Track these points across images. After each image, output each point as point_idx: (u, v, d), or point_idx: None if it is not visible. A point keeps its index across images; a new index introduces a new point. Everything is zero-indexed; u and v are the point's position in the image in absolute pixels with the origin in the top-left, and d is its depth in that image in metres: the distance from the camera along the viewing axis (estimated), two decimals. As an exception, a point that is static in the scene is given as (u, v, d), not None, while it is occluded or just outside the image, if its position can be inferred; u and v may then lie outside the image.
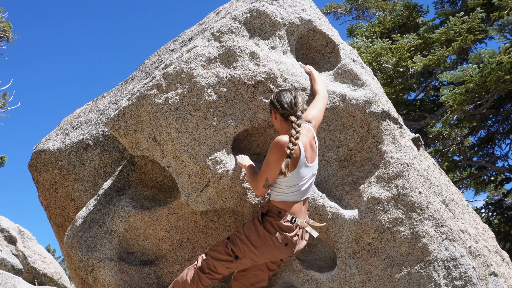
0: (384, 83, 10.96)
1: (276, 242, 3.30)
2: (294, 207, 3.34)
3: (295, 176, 3.28)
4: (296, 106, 3.31)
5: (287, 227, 3.31)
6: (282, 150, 3.18)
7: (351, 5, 18.83)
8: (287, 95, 3.34)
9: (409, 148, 3.93)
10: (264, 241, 3.31)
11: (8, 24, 16.19)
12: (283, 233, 3.30)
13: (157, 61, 4.72)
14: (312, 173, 3.39)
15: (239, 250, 3.34)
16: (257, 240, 3.32)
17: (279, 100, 3.33)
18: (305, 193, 3.38)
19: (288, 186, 3.30)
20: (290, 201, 3.34)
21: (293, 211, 3.34)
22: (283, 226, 3.30)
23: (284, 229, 3.30)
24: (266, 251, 3.33)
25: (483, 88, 8.37)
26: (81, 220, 3.98)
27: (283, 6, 4.01)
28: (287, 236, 3.31)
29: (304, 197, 3.38)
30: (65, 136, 4.78)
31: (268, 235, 3.30)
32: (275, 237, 3.29)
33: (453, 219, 4.00)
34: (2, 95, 16.48)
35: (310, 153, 3.35)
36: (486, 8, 9.76)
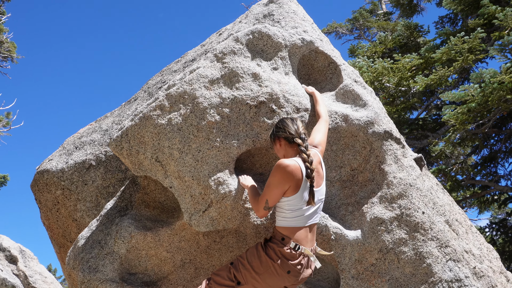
0: (386, 102, 11.00)
1: (278, 270, 3.21)
2: (299, 233, 3.24)
3: (298, 199, 3.22)
4: (299, 129, 3.33)
5: (290, 254, 3.21)
6: (284, 173, 3.16)
7: (352, 25, 19.03)
8: (288, 121, 3.38)
9: (412, 168, 3.93)
10: (266, 268, 3.23)
11: (13, 44, 16.37)
12: (285, 261, 3.21)
13: (160, 81, 4.76)
14: (317, 198, 3.32)
15: (242, 276, 3.27)
16: (259, 267, 3.24)
17: (283, 126, 3.35)
18: (310, 218, 3.28)
19: (291, 210, 3.23)
20: (293, 226, 3.24)
21: (298, 238, 3.24)
22: (286, 253, 3.21)
23: (287, 257, 3.21)
24: (268, 278, 3.24)
25: (485, 108, 8.39)
26: (83, 241, 3.97)
27: (285, 28, 4.06)
28: (290, 264, 3.21)
29: (309, 222, 3.28)
30: (68, 156, 4.79)
31: (270, 262, 3.22)
32: (277, 264, 3.21)
33: (457, 240, 3.97)
34: (6, 114, 16.59)
35: (316, 178, 3.30)
36: (486, 28, 9.84)
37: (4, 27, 15.94)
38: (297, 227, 3.25)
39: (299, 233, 3.24)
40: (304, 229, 3.26)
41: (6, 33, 16.15)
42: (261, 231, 3.62)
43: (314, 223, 3.33)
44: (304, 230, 3.26)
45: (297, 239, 3.24)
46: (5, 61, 16.55)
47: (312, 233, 3.32)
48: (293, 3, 4.38)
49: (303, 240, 3.25)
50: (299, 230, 3.25)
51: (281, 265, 3.21)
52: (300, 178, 3.19)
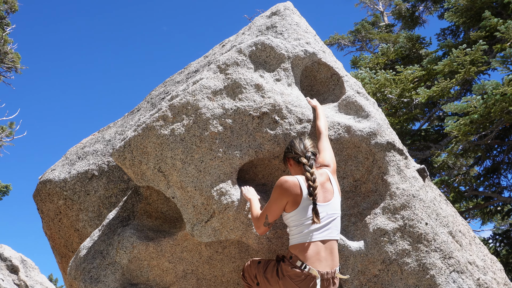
0: (388, 113, 11.01)
1: (277, 285, 3.18)
2: (309, 252, 3.13)
3: (299, 215, 3.17)
4: (306, 148, 3.34)
5: (295, 273, 3.11)
6: (281, 188, 3.18)
7: (354, 37, 19.11)
8: (296, 140, 3.42)
9: (415, 179, 3.92)
10: (274, 284, 3.22)
11: (17, 55, 16.48)
12: (289, 280, 3.13)
13: (163, 92, 4.78)
14: (327, 212, 3.22)
15: (261, 279, 3.32)
16: (269, 281, 3.25)
17: (290, 146, 3.41)
18: (318, 232, 3.16)
19: (296, 226, 3.19)
20: (300, 243, 3.16)
21: (307, 256, 3.12)
22: (290, 272, 3.12)
23: (291, 276, 3.12)
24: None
25: (487, 119, 8.39)
26: (85, 251, 3.96)
27: (287, 39, 4.08)
28: (293, 283, 3.12)
29: (317, 237, 3.15)
30: (71, 166, 4.80)
31: (276, 279, 3.20)
32: (281, 282, 3.16)
33: (461, 251, 3.95)
34: (9, 124, 16.65)
35: (322, 194, 3.25)
36: (488, 41, 9.88)
37: (8, 38, 16.06)
38: (303, 243, 3.15)
39: (309, 251, 3.14)
40: (312, 245, 3.15)
41: (11, 44, 16.27)
42: (264, 242, 3.61)
43: (327, 239, 3.19)
44: (313, 246, 3.15)
45: (306, 257, 3.13)
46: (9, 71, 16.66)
47: (327, 252, 3.18)
48: (296, 15, 4.41)
49: (312, 258, 3.13)
50: (307, 247, 3.14)
51: (284, 284, 3.15)
52: (299, 193, 3.17)
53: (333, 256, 3.21)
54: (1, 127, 16.38)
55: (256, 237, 3.60)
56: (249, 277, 3.45)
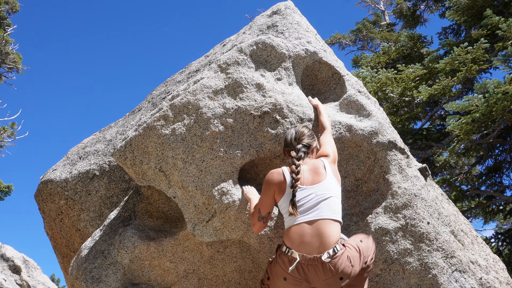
0: (390, 112, 11.00)
1: (277, 275, 3.15)
2: (293, 235, 3.07)
3: (286, 201, 3.20)
4: (297, 140, 3.38)
5: (282, 260, 3.09)
6: (268, 180, 3.26)
7: (355, 36, 19.09)
8: (290, 131, 3.46)
9: (417, 178, 3.91)
10: (271, 273, 3.23)
11: (19, 55, 16.50)
12: (279, 268, 3.11)
13: (164, 92, 4.78)
14: (316, 193, 3.16)
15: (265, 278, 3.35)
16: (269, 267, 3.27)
17: (284, 138, 3.48)
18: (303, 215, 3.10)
19: (285, 213, 3.23)
20: (287, 228, 3.17)
21: (292, 240, 3.07)
22: (279, 259, 3.12)
23: (280, 262, 3.10)
24: (273, 282, 3.20)
25: (489, 118, 8.37)
26: (87, 251, 3.96)
27: (288, 38, 4.07)
28: (282, 270, 3.09)
29: (302, 219, 3.09)
30: (72, 166, 4.80)
31: (270, 268, 3.23)
32: (275, 270, 3.16)
33: (463, 250, 3.94)
34: (11, 124, 16.67)
35: (311, 177, 3.24)
36: (489, 39, 9.85)
37: (10, 39, 16.08)
38: (289, 228, 3.13)
39: (292, 234, 3.09)
40: (297, 228, 3.09)
41: (12, 44, 16.29)
42: (265, 242, 3.61)
43: (315, 219, 3.09)
44: (297, 229, 3.08)
45: (291, 241, 3.08)
46: (10, 72, 16.68)
47: (314, 233, 3.06)
48: (297, 14, 4.40)
49: (296, 242, 3.06)
50: (292, 231, 3.10)
51: (277, 271, 3.13)
52: (282, 180, 3.23)
53: (323, 238, 3.05)
54: (3, 128, 16.41)
55: (257, 236, 3.59)
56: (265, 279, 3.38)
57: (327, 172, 3.27)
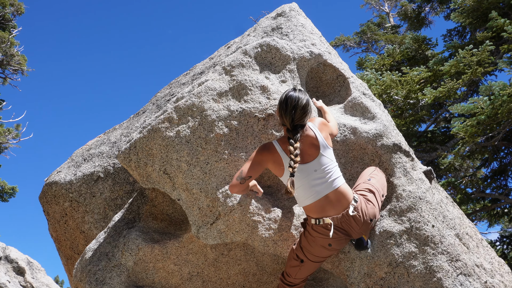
0: (394, 115, 10.97)
1: (318, 247, 3.36)
2: (314, 209, 3.32)
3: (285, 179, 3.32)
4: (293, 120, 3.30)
5: (317, 230, 3.32)
6: (261, 152, 3.31)
7: (360, 38, 19.07)
8: (289, 98, 3.33)
9: (421, 181, 3.90)
10: (312, 243, 3.37)
11: (24, 57, 16.56)
12: (319, 238, 3.33)
13: (169, 94, 4.78)
14: (314, 169, 3.29)
15: (302, 253, 3.43)
16: (307, 244, 3.39)
17: (280, 100, 3.36)
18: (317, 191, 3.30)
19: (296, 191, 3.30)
20: (306, 205, 3.36)
21: (316, 212, 3.32)
22: (312, 231, 3.34)
23: (317, 235, 3.33)
24: (317, 252, 3.39)
25: (494, 120, 8.33)
26: (91, 253, 3.96)
27: (293, 41, 4.07)
28: (323, 239, 3.33)
29: (320, 194, 3.30)
30: (76, 168, 4.81)
31: (307, 241, 3.38)
32: (312, 240, 3.35)
33: (468, 253, 3.92)
34: (15, 126, 16.72)
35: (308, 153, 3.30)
36: (495, 41, 9.81)
37: (15, 41, 16.15)
38: (309, 205, 3.34)
39: (314, 208, 3.33)
40: (315, 204, 3.32)
41: (17, 46, 16.36)
42: (270, 244, 3.60)
43: (330, 191, 3.31)
44: (315, 205, 3.32)
45: (316, 212, 3.32)
46: (15, 74, 16.74)
47: (334, 201, 3.32)
48: (302, 16, 4.39)
49: (321, 211, 3.32)
50: (311, 207, 3.34)
51: (315, 241, 3.34)
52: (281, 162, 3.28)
53: (342, 201, 3.33)
54: (8, 129, 16.46)
55: (261, 239, 3.59)
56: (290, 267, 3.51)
57: (320, 142, 3.34)
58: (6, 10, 16.26)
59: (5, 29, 16.36)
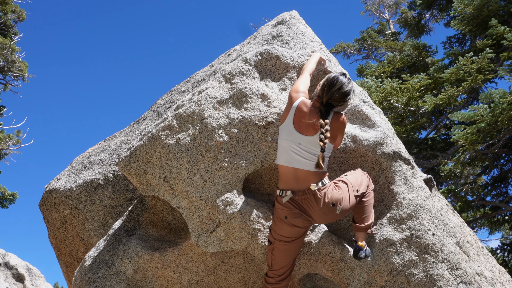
0: (395, 122, 10.98)
1: (278, 217, 3.40)
2: (284, 173, 3.39)
3: (282, 129, 3.41)
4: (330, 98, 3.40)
5: (279, 202, 3.38)
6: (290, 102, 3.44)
7: (360, 45, 19.12)
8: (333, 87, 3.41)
9: (421, 189, 3.89)
10: (274, 218, 3.44)
11: (25, 63, 16.59)
12: (278, 210, 3.39)
13: (169, 101, 4.78)
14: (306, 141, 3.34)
15: (271, 235, 3.48)
16: (272, 222, 3.48)
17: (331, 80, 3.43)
18: (295, 160, 3.34)
19: (279, 140, 3.42)
20: (281, 164, 3.40)
21: (283, 180, 3.39)
22: (276, 204, 3.41)
23: (277, 207, 3.39)
24: (278, 229, 3.41)
25: (494, 128, 8.34)
26: (90, 261, 3.96)
27: (293, 49, 4.08)
28: (281, 210, 3.36)
29: (294, 163, 3.34)
30: (77, 175, 4.81)
31: (274, 212, 3.44)
32: (276, 213, 3.41)
33: (468, 262, 3.91)
34: (16, 132, 16.72)
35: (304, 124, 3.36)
36: (495, 49, 9.83)
37: (16, 47, 16.19)
38: (282, 166, 3.39)
39: (284, 175, 3.39)
40: (288, 171, 3.37)
41: (18, 52, 16.39)
42: (269, 252, 3.59)
43: (304, 169, 3.35)
44: (287, 171, 3.37)
45: (283, 183, 3.39)
46: (16, 80, 16.76)
47: (299, 177, 3.36)
48: (302, 24, 4.41)
49: (287, 183, 3.38)
50: (284, 171, 3.38)
51: (278, 216, 3.39)
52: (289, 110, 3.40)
53: (307, 181, 3.36)
54: (8, 135, 16.47)
55: (261, 247, 3.58)
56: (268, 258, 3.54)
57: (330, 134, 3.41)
58: (8, 16, 16.31)
59: (6, 36, 16.41)
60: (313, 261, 3.63)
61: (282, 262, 3.47)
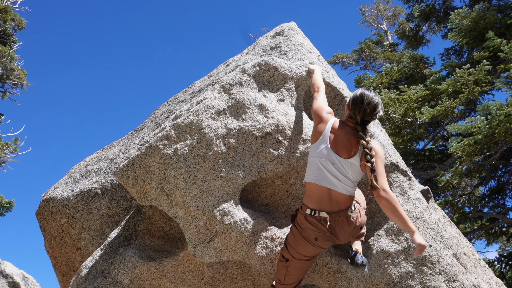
0: (392, 133, 11.01)
1: (306, 238, 3.26)
2: (315, 193, 3.26)
3: (315, 148, 3.32)
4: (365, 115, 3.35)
5: (310, 221, 3.23)
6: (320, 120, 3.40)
7: (358, 55, 19.22)
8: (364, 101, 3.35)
9: (419, 200, 3.90)
10: (298, 238, 3.29)
11: (23, 72, 16.62)
12: (308, 230, 3.24)
13: (167, 111, 4.80)
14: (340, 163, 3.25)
15: (287, 252, 3.36)
16: (293, 240, 3.32)
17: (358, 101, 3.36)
18: (329, 179, 3.24)
19: (311, 158, 3.32)
20: (310, 182, 3.28)
21: (314, 199, 3.25)
22: (304, 222, 3.25)
23: (306, 226, 3.24)
24: (301, 248, 3.30)
25: (491, 140, 8.38)
26: (86, 270, 3.94)
27: (291, 60, 4.10)
28: (312, 231, 3.23)
29: (326, 183, 3.24)
30: (74, 184, 4.80)
31: (297, 231, 3.30)
32: (303, 233, 3.26)
33: (465, 274, 3.91)
34: (14, 140, 16.72)
35: (340, 145, 3.28)
36: (492, 61, 9.90)
37: (15, 55, 16.23)
38: (313, 184, 3.27)
39: (315, 195, 3.26)
40: (320, 190, 3.25)
41: (17, 61, 16.43)
42: (266, 263, 3.58)
43: (337, 190, 3.25)
44: (320, 191, 3.25)
45: (314, 202, 3.25)
46: (15, 88, 16.79)
47: (332, 198, 3.26)
48: (300, 35, 4.43)
49: (319, 203, 3.25)
50: (315, 190, 3.26)
51: (304, 232, 3.25)
52: (322, 130, 3.33)
53: (339, 204, 3.27)
54: (6, 143, 16.45)
55: (258, 258, 3.57)
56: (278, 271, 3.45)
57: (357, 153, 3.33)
58: (7, 24, 16.37)
59: (5, 44, 16.46)
60: (310, 272, 3.62)
61: (297, 277, 3.44)
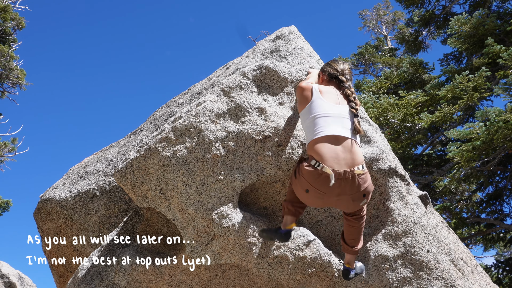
0: (391, 138, 11.02)
1: (300, 186, 3.20)
2: (322, 148, 3.15)
3: (307, 110, 3.37)
4: (345, 70, 3.59)
5: (308, 172, 3.13)
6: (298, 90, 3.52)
7: (357, 60, 19.26)
8: (338, 61, 3.67)
9: (417, 205, 3.90)
10: (294, 183, 3.26)
11: (22, 71, 16.61)
12: (303, 179, 3.16)
13: (167, 113, 4.80)
14: (340, 113, 3.29)
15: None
16: (294, 180, 3.29)
17: (331, 63, 3.65)
18: (331, 127, 3.21)
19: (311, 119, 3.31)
20: (314, 138, 3.21)
21: (321, 153, 3.13)
22: (304, 170, 3.16)
23: (304, 173, 3.16)
24: (295, 186, 3.28)
25: (490, 146, 8.39)
26: (84, 272, 3.93)
27: (291, 63, 4.10)
28: (306, 182, 3.14)
29: (331, 131, 3.19)
30: (72, 185, 4.79)
31: (293, 178, 3.29)
32: (298, 181, 3.21)
33: (463, 279, 3.91)
34: (12, 140, 16.70)
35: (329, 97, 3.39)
36: (491, 67, 9.92)
37: (14, 55, 16.22)
38: (318, 138, 3.20)
39: (322, 148, 3.16)
40: (326, 142, 3.17)
41: (16, 60, 16.43)
42: (264, 267, 3.58)
43: (344, 136, 3.20)
44: (327, 143, 3.17)
45: (320, 154, 3.14)
46: (13, 87, 16.78)
47: (343, 151, 3.16)
48: (300, 39, 4.44)
49: (326, 156, 3.13)
50: (321, 143, 3.18)
51: (300, 182, 3.19)
52: (310, 89, 3.43)
53: (350, 156, 3.17)
54: (4, 143, 16.43)
55: (256, 261, 3.57)
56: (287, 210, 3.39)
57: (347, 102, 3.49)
58: (7, 24, 16.37)
59: (5, 43, 16.46)
60: (308, 276, 3.62)
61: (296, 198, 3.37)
